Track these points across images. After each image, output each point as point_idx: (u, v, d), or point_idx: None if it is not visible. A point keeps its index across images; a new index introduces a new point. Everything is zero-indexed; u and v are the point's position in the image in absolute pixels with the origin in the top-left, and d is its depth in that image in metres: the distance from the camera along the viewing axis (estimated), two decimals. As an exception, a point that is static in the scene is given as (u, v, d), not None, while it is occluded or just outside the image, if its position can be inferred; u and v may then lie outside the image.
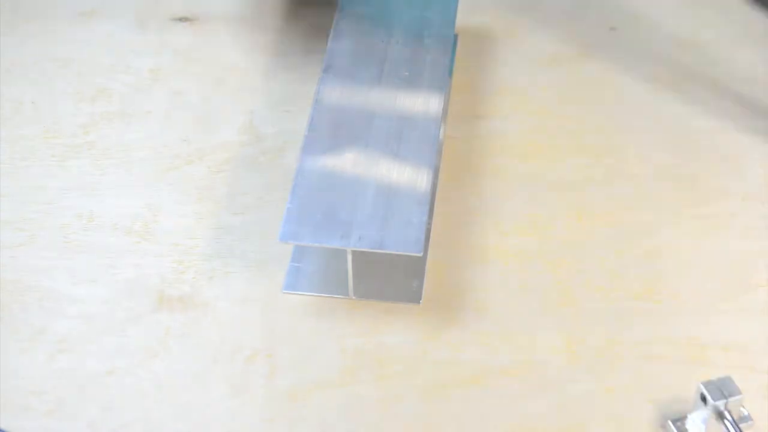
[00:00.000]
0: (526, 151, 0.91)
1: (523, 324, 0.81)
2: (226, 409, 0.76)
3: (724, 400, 0.70)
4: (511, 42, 0.99)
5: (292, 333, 0.80)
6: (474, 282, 0.83)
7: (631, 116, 0.94)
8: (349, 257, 0.80)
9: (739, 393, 0.70)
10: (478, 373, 0.78)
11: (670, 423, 0.74)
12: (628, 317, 0.81)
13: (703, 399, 0.71)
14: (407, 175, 0.81)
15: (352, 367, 0.78)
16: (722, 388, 0.70)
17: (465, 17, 0.99)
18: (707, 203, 0.88)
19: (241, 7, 1.04)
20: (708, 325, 0.81)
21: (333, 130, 0.84)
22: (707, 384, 0.71)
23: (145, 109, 0.94)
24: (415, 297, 0.82)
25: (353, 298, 0.82)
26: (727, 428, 0.70)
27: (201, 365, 0.78)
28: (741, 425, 0.71)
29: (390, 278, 0.83)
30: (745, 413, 0.73)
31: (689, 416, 0.73)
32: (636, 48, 1.00)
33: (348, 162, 0.82)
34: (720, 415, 0.70)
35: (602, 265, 0.84)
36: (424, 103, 0.85)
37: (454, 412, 0.76)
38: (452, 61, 0.93)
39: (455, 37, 0.89)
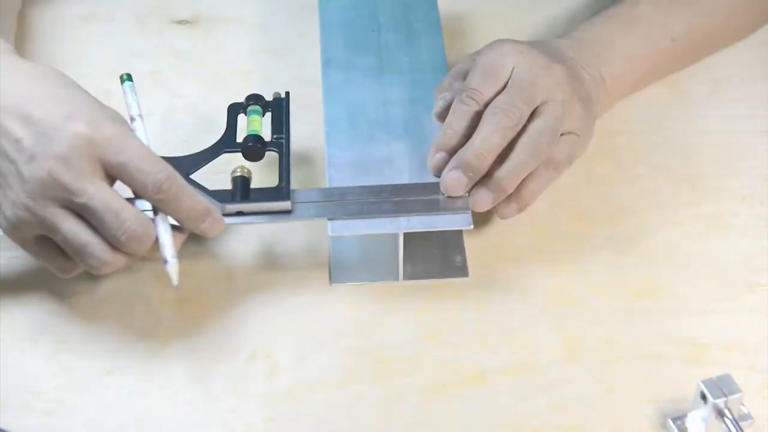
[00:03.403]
0: (525, 151, 0.91)
1: (523, 324, 0.81)
2: (226, 409, 0.76)
3: (724, 398, 0.70)
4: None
5: (292, 333, 0.80)
6: (474, 282, 0.83)
7: (631, 116, 0.94)
8: (400, 241, 0.80)
9: (740, 391, 0.70)
10: (478, 373, 0.78)
11: (670, 421, 0.74)
12: (628, 317, 0.81)
13: (703, 397, 0.71)
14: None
15: (352, 367, 0.78)
16: (722, 386, 0.70)
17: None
18: (707, 203, 0.88)
19: (241, 10, 1.04)
20: (708, 325, 0.81)
21: (350, 122, 0.86)
22: (707, 382, 0.71)
23: (146, 111, 0.94)
24: (462, 272, 0.83)
25: (401, 281, 0.83)
26: (728, 426, 0.70)
27: (201, 365, 0.78)
28: (741, 423, 0.71)
29: (434, 257, 0.84)
30: (746, 411, 0.73)
31: (689, 414, 0.73)
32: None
33: (375, 150, 0.84)
34: (720, 413, 0.70)
35: (602, 265, 0.84)
36: (431, 84, 0.87)
37: (454, 412, 0.76)
38: None
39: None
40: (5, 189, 0.75)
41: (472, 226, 0.79)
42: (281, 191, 0.80)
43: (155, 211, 0.77)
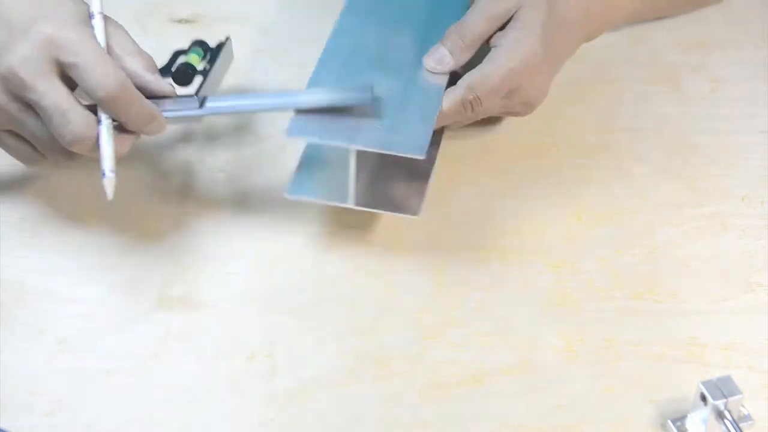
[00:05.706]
0: (526, 151, 0.91)
1: (523, 324, 0.81)
2: (226, 409, 0.76)
3: (724, 400, 0.70)
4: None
5: (292, 333, 0.80)
6: (474, 282, 0.83)
7: (631, 116, 0.94)
8: (352, 158, 0.81)
9: (739, 392, 0.70)
10: (478, 373, 0.78)
11: (670, 422, 0.74)
12: (628, 317, 0.81)
13: (703, 398, 0.71)
14: (418, 94, 0.84)
15: (352, 367, 0.78)
16: (722, 388, 0.70)
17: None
18: (707, 203, 0.88)
19: (241, 9, 1.04)
20: (708, 325, 0.81)
21: (348, 56, 0.87)
22: (707, 383, 0.71)
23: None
24: (413, 210, 0.83)
25: (354, 206, 0.83)
26: (727, 427, 0.70)
27: (201, 365, 0.78)
28: (741, 425, 0.71)
29: (391, 189, 0.84)
30: (746, 413, 0.73)
31: (689, 416, 0.73)
32: (636, 47, 1.00)
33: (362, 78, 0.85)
34: (720, 415, 0.70)
35: (602, 265, 0.84)
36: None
37: (454, 412, 0.76)
38: None
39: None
40: None
41: (423, 156, 0.79)
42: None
43: (102, 118, 0.77)
